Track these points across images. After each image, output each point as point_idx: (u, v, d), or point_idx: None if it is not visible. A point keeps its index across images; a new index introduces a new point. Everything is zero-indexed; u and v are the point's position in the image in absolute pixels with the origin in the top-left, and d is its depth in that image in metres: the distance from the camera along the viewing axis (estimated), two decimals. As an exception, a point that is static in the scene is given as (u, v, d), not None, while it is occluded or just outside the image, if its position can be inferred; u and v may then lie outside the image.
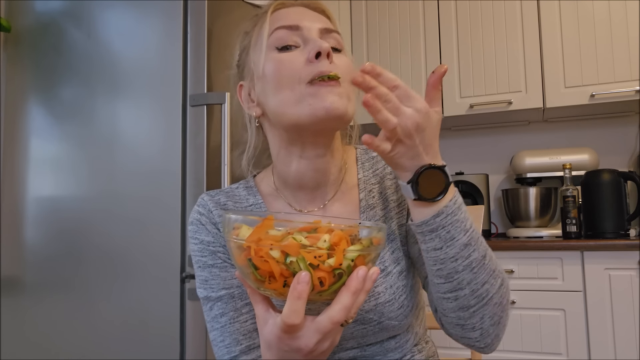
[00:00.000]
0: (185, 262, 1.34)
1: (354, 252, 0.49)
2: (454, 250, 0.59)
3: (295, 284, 0.46)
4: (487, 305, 0.61)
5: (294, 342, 0.50)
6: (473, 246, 0.60)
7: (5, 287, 1.52)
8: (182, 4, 1.40)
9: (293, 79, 0.63)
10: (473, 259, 0.60)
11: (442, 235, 0.59)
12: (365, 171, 0.76)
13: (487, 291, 0.61)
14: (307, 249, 0.47)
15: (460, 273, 0.60)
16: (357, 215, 0.73)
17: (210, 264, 0.71)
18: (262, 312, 0.53)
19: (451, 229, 0.59)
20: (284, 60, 0.64)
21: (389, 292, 0.68)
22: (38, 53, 1.57)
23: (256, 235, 0.48)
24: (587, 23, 2.08)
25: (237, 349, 0.68)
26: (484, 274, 0.61)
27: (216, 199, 0.75)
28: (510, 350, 1.86)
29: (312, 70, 0.62)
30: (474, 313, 0.62)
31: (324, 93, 0.61)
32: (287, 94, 0.63)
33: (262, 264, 0.48)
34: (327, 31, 0.67)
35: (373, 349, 0.71)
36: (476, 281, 0.60)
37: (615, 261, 1.76)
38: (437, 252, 0.60)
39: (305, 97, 0.62)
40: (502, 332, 0.65)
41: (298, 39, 0.65)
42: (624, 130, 2.29)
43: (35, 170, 1.53)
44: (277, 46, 0.65)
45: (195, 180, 1.34)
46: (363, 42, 2.43)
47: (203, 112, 1.36)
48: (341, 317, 0.48)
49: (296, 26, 0.65)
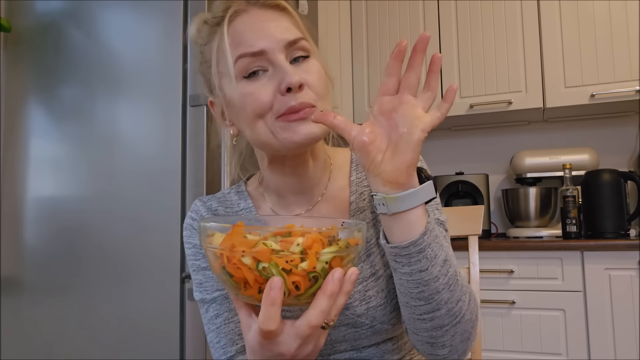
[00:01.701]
0: (185, 263, 1.34)
1: (328, 254, 0.48)
2: (436, 269, 0.57)
3: (268, 290, 0.45)
4: (460, 323, 0.60)
5: (275, 347, 0.49)
6: (449, 261, 0.59)
7: (5, 287, 1.52)
8: (182, 4, 1.40)
9: (264, 112, 0.62)
10: (450, 275, 0.59)
11: (428, 255, 0.56)
12: (359, 173, 0.76)
13: (460, 308, 0.60)
14: (278, 254, 0.46)
15: (440, 293, 0.58)
16: (346, 216, 0.72)
17: (203, 267, 0.72)
18: (245, 317, 0.52)
19: (434, 246, 0.57)
20: (253, 93, 0.62)
21: (380, 295, 0.68)
22: (38, 53, 1.57)
23: (228, 242, 0.47)
24: (587, 23, 2.08)
25: (233, 349, 0.69)
26: (458, 290, 0.60)
27: (208, 204, 0.76)
28: (510, 350, 1.86)
29: (283, 106, 0.61)
30: (446, 331, 0.60)
31: (296, 126, 0.61)
32: (260, 126, 0.63)
33: (236, 271, 0.47)
34: (291, 44, 0.63)
35: (369, 351, 0.71)
36: (452, 299, 0.59)
37: (615, 261, 1.76)
38: (423, 274, 0.57)
39: (277, 130, 0.62)
40: (470, 347, 0.64)
41: (264, 63, 0.62)
42: (624, 130, 2.29)
43: (35, 170, 1.53)
44: (244, 75, 0.62)
45: (195, 180, 1.34)
46: (363, 42, 2.43)
47: (203, 112, 1.36)
48: (319, 321, 0.47)
49: (260, 52, 0.62)
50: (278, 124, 0.61)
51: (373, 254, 0.70)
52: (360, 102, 2.42)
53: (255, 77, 0.62)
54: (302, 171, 0.70)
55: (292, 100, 0.60)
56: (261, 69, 0.62)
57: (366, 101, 2.40)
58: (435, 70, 0.55)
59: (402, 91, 0.56)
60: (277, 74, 0.61)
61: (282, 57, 0.62)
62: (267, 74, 0.62)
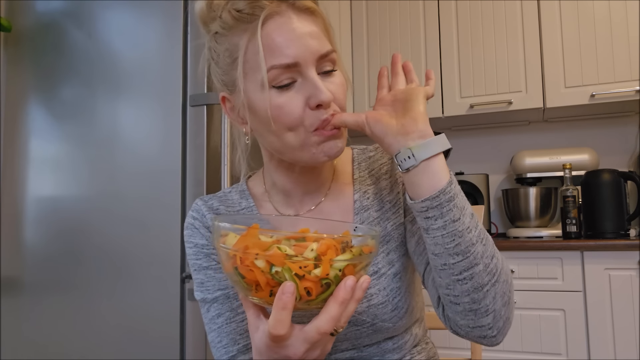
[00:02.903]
0: (185, 262, 1.34)
1: (341, 261, 0.47)
2: (467, 219, 0.58)
3: (280, 294, 0.45)
4: (498, 281, 0.60)
5: (282, 350, 0.49)
6: (475, 216, 0.61)
7: (5, 287, 1.52)
8: (182, 4, 1.40)
9: (295, 124, 0.61)
10: (480, 228, 0.60)
11: (458, 204, 0.58)
12: (362, 171, 0.76)
13: (496, 265, 0.60)
14: (292, 259, 0.46)
15: (475, 245, 0.58)
16: (350, 215, 0.72)
17: (205, 266, 0.72)
18: (253, 318, 0.52)
19: (460, 197, 0.59)
20: (283, 107, 0.61)
21: (382, 294, 0.68)
22: (38, 53, 1.57)
23: (242, 243, 0.47)
24: (587, 23, 2.08)
25: (234, 349, 0.69)
26: (490, 245, 0.60)
27: (209, 203, 0.76)
28: (510, 350, 1.86)
29: (316, 120, 0.61)
30: (487, 292, 0.59)
31: (329, 142, 0.63)
32: (290, 138, 0.62)
33: (248, 273, 0.47)
34: (323, 57, 0.62)
35: (370, 350, 0.71)
36: (487, 254, 0.59)
37: (615, 261, 1.76)
38: (456, 224, 0.58)
39: (310, 145, 0.62)
40: (512, 314, 0.63)
41: (295, 74, 0.61)
42: (624, 130, 2.29)
43: (35, 170, 1.53)
44: (274, 85, 0.61)
45: (195, 180, 1.35)
46: (363, 42, 2.43)
47: (203, 112, 1.36)
48: (329, 328, 0.48)
49: (293, 64, 0.60)
50: (313, 139, 0.62)
51: None
52: (360, 102, 2.42)
53: (286, 89, 0.61)
54: (314, 175, 0.72)
55: (324, 114, 0.61)
56: (291, 80, 0.61)
57: (366, 101, 2.40)
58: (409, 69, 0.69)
59: (393, 88, 0.67)
60: (306, 87, 0.61)
61: (313, 70, 0.61)
62: (296, 84, 0.62)
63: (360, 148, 0.80)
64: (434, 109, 2.28)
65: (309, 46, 0.61)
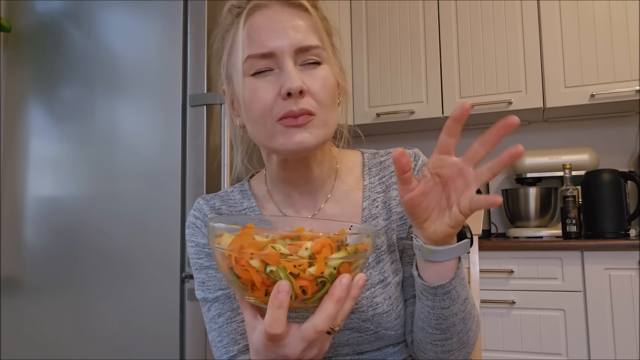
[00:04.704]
0: (185, 263, 1.34)
1: (336, 260, 0.47)
2: (457, 307, 0.62)
3: (276, 293, 0.45)
4: (465, 347, 0.66)
5: (279, 349, 0.49)
6: (468, 299, 0.63)
7: (5, 287, 1.52)
8: (182, 4, 1.40)
9: (265, 113, 0.62)
10: (467, 311, 0.63)
11: (452, 296, 0.61)
12: (372, 177, 0.75)
13: (469, 337, 0.65)
14: (287, 258, 0.46)
15: (455, 326, 0.63)
16: (358, 220, 0.72)
17: (206, 266, 0.72)
18: (250, 318, 0.52)
19: (459, 288, 0.61)
20: (257, 91, 0.62)
21: (388, 302, 0.68)
22: (38, 53, 1.57)
23: (237, 243, 0.47)
24: (587, 23, 2.08)
25: (234, 349, 0.68)
26: (470, 321, 0.64)
27: (211, 203, 0.76)
28: (510, 350, 1.86)
29: (282, 109, 0.61)
30: (452, 354, 0.66)
31: (292, 133, 0.61)
32: (260, 128, 0.64)
33: (243, 272, 0.47)
34: (302, 50, 0.63)
35: (371, 354, 0.71)
36: (464, 330, 0.64)
37: (615, 261, 1.76)
38: (443, 311, 0.61)
39: (276, 134, 0.62)
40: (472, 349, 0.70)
41: (272, 64, 0.63)
42: (624, 130, 2.29)
43: (35, 170, 1.53)
44: (251, 72, 0.63)
45: (195, 180, 1.35)
46: (363, 42, 2.43)
47: (203, 112, 1.36)
48: (325, 326, 0.48)
49: (269, 53, 0.62)
50: (278, 128, 0.62)
51: (383, 261, 0.70)
52: (360, 102, 2.42)
53: (261, 76, 0.63)
54: (305, 173, 0.70)
55: (292, 105, 0.61)
56: (268, 68, 0.63)
57: (366, 101, 2.40)
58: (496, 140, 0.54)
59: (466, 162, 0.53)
60: (280, 77, 0.62)
61: (289, 61, 0.62)
62: (272, 73, 0.63)
63: (371, 152, 0.78)
64: (433, 109, 2.28)
65: (288, 37, 0.62)
